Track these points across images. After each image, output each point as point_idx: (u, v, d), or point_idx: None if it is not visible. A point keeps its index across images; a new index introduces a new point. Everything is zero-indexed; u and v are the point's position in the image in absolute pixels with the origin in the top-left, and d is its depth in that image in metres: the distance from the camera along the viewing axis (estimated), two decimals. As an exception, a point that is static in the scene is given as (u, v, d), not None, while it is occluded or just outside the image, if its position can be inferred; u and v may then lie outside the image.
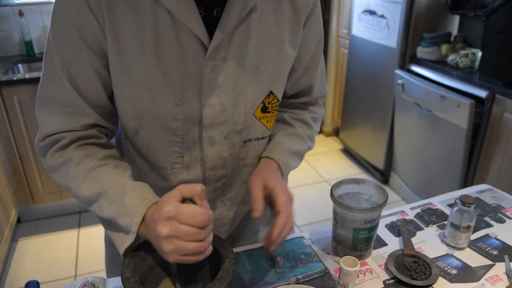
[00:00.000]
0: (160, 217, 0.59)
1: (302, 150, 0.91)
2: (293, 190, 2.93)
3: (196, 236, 0.59)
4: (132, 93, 0.70)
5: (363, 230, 0.82)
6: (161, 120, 0.73)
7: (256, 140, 0.83)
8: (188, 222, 0.58)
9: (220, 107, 0.74)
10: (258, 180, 0.75)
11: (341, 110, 3.30)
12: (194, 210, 0.59)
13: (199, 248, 0.59)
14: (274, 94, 0.80)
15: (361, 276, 0.83)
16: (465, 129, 2.05)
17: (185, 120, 0.74)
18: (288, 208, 0.72)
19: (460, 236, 0.88)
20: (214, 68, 0.70)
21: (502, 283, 0.81)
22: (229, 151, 0.80)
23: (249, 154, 0.84)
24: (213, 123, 0.75)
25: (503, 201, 1.07)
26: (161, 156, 0.78)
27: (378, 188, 0.87)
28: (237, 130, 0.78)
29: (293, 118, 0.91)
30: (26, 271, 2.11)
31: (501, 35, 1.90)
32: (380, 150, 2.82)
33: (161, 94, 0.70)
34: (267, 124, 0.83)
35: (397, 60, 2.52)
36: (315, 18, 0.79)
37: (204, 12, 0.68)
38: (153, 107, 0.72)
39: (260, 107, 0.79)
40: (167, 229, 0.58)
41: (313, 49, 0.84)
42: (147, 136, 0.76)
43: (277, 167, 0.82)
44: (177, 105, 0.72)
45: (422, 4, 2.39)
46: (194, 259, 0.61)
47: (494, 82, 1.97)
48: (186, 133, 0.75)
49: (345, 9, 3.11)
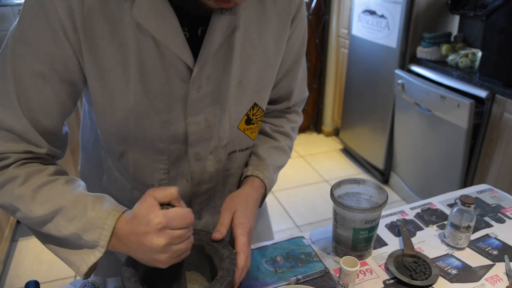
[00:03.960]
0: (151, 230, 0.57)
1: (284, 163, 0.92)
2: (293, 190, 2.94)
3: (186, 236, 0.60)
4: (117, 120, 0.69)
5: (363, 230, 0.82)
6: (147, 142, 0.73)
7: (240, 151, 0.84)
8: (179, 226, 0.58)
9: (205, 123, 0.74)
10: (231, 206, 0.75)
11: (341, 110, 3.30)
12: (181, 213, 0.59)
13: (189, 245, 0.61)
14: (259, 105, 0.80)
15: (361, 276, 0.83)
16: (465, 129, 2.05)
17: (171, 140, 0.74)
18: (248, 250, 0.72)
19: (460, 236, 0.88)
20: (200, 88, 0.70)
21: (502, 283, 0.81)
22: (215, 166, 0.80)
23: (234, 165, 0.85)
24: (199, 140, 0.75)
25: (503, 201, 1.07)
26: (148, 175, 0.78)
27: (378, 188, 0.87)
28: (223, 145, 0.79)
29: (274, 131, 0.91)
30: (26, 271, 2.11)
31: (501, 35, 1.90)
32: (380, 150, 2.82)
33: (146, 118, 0.69)
34: (251, 135, 0.83)
35: (397, 60, 2.52)
36: (299, 21, 0.79)
37: (188, 33, 0.67)
38: (139, 131, 0.71)
39: (244, 119, 0.79)
40: (163, 240, 0.57)
41: (295, 52, 0.83)
42: (133, 159, 0.75)
43: (261, 185, 0.83)
44: (162, 127, 0.71)
45: (422, 4, 2.38)
46: (184, 256, 0.62)
47: (494, 82, 1.97)
48: (172, 151, 0.75)
49: (345, 9, 3.11)
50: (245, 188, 0.81)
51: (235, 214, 0.74)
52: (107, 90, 0.66)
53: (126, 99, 0.67)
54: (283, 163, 0.91)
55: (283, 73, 0.84)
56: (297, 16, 0.77)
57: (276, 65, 0.79)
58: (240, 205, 0.76)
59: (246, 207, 0.76)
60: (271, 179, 0.85)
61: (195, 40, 0.67)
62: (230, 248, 0.71)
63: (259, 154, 0.86)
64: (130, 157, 0.75)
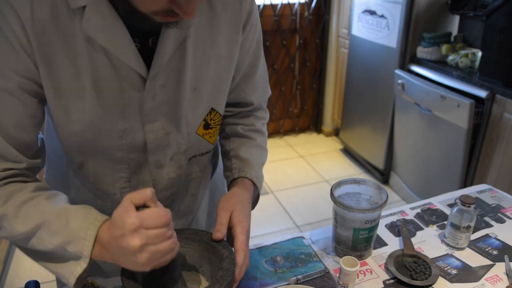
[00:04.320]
0: (126, 231, 0.56)
1: (265, 160, 0.93)
2: (293, 190, 2.93)
3: (165, 235, 0.58)
4: (74, 131, 0.69)
5: (363, 230, 0.82)
6: (106, 153, 0.73)
7: (200, 156, 0.84)
8: (155, 226, 0.57)
9: (163, 131, 0.74)
10: (228, 206, 0.76)
11: (341, 110, 3.29)
12: (156, 212, 0.58)
13: (171, 245, 0.60)
14: (216, 110, 0.80)
15: (361, 276, 0.83)
16: (465, 129, 2.04)
17: (130, 149, 0.74)
18: (246, 248, 0.73)
19: (460, 236, 0.88)
20: (155, 97, 0.70)
21: (502, 283, 0.81)
22: (176, 172, 0.81)
23: (195, 169, 0.85)
24: (158, 147, 0.75)
25: (503, 201, 1.07)
26: (109, 184, 0.78)
27: (378, 188, 0.87)
28: (182, 151, 0.79)
29: (247, 130, 0.91)
30: (26, 271, 2.11)
31: (501, 35, 1.90)
32: (380, 150, 2.82)
33: (103, 129, 0.70)
34: (210, 140, 0.83)
35: (397, 60, 2.52)
36: (251, 26, 0.79)
37: (139, 44, 0.67)
38: (97, 142, 0.71)
39: (202, 124, 0.80)
40: (138, 240, 0.56)
41: (250, 56, 0.83)
42: (92, 168, 0.76)
43: (251, 184, 0.83)
44: (120, 137, 0.72)
45: (422, 4, 2.38)
46: (169, 258, 0.61)
47: (494, 82, 1.97)
48: (132, 159, 0.76)
49: (345, 9, 3.11)
50: (238, 188, 0.81)
51: (233, 213, 0.75)
52: (63, 102, 0.67)
53: (82, 110, 0.67)
54: (264, 160, 0.92)
55: (241, 77, 0.85)
56: (248, 21, 0.78)
57: (230, 70, 0.79)
58: (237, 205, 0.76)
59: (243, 206, 0.77)
60: (259, 177, 0.86)
61: (147, 50, 0.68)
62: (230, 248, 0.71)
63: (240, 156, 0.87)
64: (89, 167, 0.75)
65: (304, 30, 3.29)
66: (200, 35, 0.72)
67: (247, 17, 0.77)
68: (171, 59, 0.69)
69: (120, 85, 0.67)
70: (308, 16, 3.25)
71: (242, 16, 0.76)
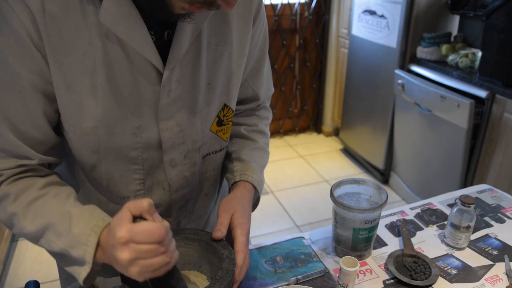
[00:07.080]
0: (116, 244, 0.55)
1: (267, 162, 0.93)
2: (293, 190, 2.93)
3: (158, 251, 0.55)
4: (87, 129, 0.68)
5: (363, 230, 0.82)
6: (119, 151, 0.72)
7: (214, 153, 0.84)
8: (145, 241, 0.54)
9: (177, 128, 0.73)
10: (229, 208, 0.76)
11: (341, 110, 3.29)
12: (149, 227, 0.54)
13: (164, 260, 0.56)
14: (228, 106, 0.80)
15: (361, 276, 0.83)
16: (465, 129, 2.05)
17: (144, 147, 0.73)
18: (246, 249, 0.73)
19: (460, 236, 0.88)
20: (170, 92, 0.69)
21: (502, 283, 0.81)
22: (190, 170, 0.80)
23: (208, 167, 0.85)
24: (173, 146, 0.75)
25: (503, 201, 1.07)
26: (122, 186, 0.76)
27: (378, 188, 0.87)
28: (196, 148, 0.79)
29: (250, 131, 0.91)
30: (26, 271, 2.11)
31: (501, 35, 1.90)
32: (380, 150, 2.82)
33: (117, 126, 0.68)
34: (223, 137, 0.83)
35: (397, 60, 2.52)
36: (260, 19, 0.79)
37: (155, 37, 0.66)
38: (110, 140, 0.69)
39: (216, 121, 0.79)
40: (127, 254, 0.54)
41: (258, 51, 0.83)
42: (105, 170, 0.74)
43: (252, 187, 0.83)
44: (134, 135, 0.71)
45: (422, 4, 2.38)
46: (164, 271, 0.58)
47: (494, 82, 1.97)
48: (146, 159, 0.74)
49: (345, 9, 3.11)
50: (239, 191, 0.81)
51: (234, 215, 0.75)
52: (75, 98, 0.65)
53: (95, 106, 0.66)
54: (265, 163, 0.92)
55: (248, 73, 0.85)
56: (258, 15, 0.78)
57: (242, 65, 0.79)
58: (238, 206, 0.76)
59: (243, 209, 0.77)
60: (260, 181, 0.86)
61: (162, 43, 0.67)
62: (230, 248, 0.71)
63: (242, 158, 0.86)
64: (102, 168, 0.74)
65: (304, 30, 3.29)
66: (213, 29, 0.72)
67: (256, 11, 0.77)
68: (187, 53, 0.69)
69: (135, 79, 0.66)
70: (308, 16, 3.25)
71: (252, 10, 0.76)
